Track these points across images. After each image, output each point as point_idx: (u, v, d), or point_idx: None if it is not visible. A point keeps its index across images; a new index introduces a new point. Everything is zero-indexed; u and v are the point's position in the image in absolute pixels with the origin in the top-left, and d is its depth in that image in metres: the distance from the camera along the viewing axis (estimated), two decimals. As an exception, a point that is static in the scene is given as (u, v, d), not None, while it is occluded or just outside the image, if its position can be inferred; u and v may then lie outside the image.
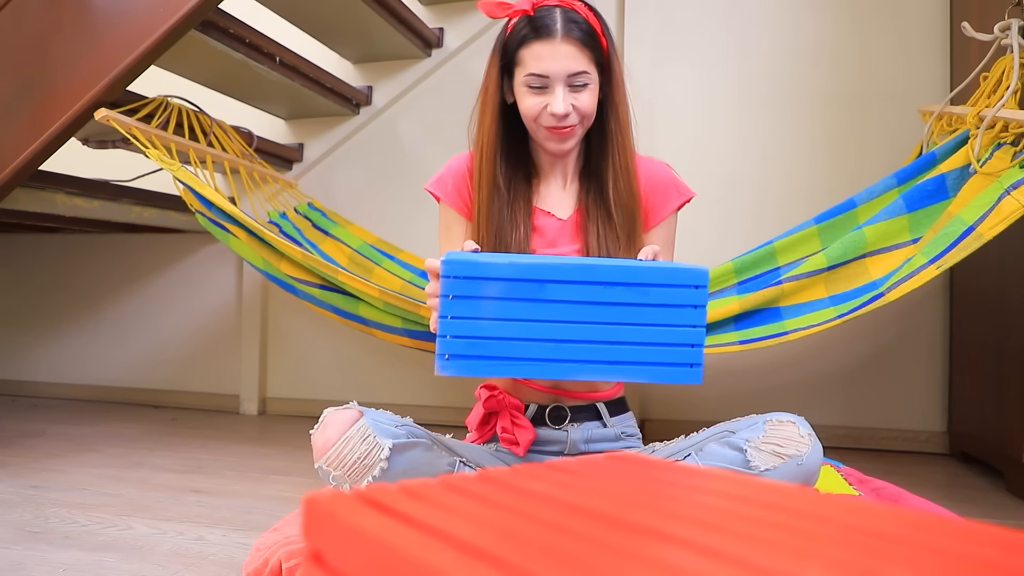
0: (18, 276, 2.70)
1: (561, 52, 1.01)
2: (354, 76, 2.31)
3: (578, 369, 0.76)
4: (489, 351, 0.75)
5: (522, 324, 0.75)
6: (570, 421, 1.09)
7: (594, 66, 1.03)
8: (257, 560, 0.91)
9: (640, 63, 2.03)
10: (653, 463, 0.49)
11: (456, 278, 0.74)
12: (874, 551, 0.30)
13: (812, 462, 0.92)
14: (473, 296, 0.74)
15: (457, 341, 0.74)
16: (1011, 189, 1.19)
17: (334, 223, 2.05)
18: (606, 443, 1.12)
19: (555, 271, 0.74)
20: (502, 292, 0.74)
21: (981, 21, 1.52)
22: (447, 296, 0.74)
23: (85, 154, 2.06)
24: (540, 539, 0.31)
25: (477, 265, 0.74)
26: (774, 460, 0.91)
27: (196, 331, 2.46)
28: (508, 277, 0.74)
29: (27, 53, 1.55)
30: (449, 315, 0.74)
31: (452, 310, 0.74)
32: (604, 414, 1.12)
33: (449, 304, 0.74)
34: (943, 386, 1.84)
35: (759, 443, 0.91)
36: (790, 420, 0.94)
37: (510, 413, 1.08)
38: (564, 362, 0.75)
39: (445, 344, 0.74)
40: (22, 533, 1.11)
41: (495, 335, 0.75)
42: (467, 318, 0.74)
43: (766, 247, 1.58)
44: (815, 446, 0.93)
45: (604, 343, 0.75)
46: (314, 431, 0.93)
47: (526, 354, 0.75)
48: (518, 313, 0.74)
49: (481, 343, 0.74)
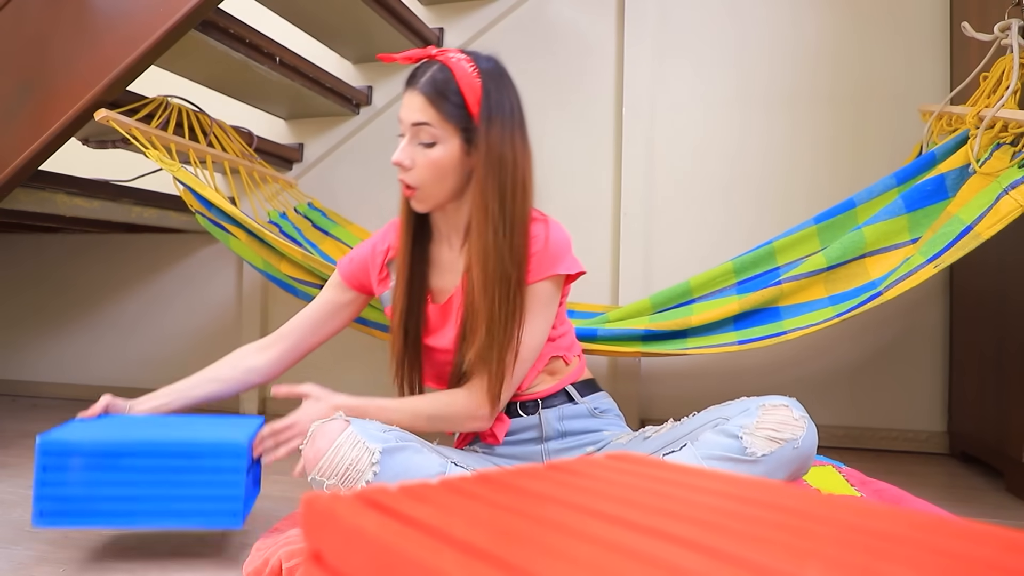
0: (18, 276, 2.70)
1: (409, 101, 1.02)
2: (354, 76, 2.31)
3: (150, 519, 0.96)
4: (79, 506, 0.95)
5: (104, 486, 0.95)
6: (542, 408, 1.11)
7: (449, 126, 1.00)
8: (257, 560, 0.91)
9: (640, 63, 2.03)
10: (653, 463, 0.49)
11: (49, 455, 0.94)
12: (874, 551, 0.30)
13: (807, 445, 0.93)
14: (63, 467, 0.94)
15: (51, 500, 0.94)
16: (1009, 189, 1.19)
17: (334, 223, 2.05)
18: (580, 419, 1.13)
19: (125, 446, 0.96)
20: (86, 464, 0.95)
21: (981, 21, 1.52)
22: (42, 468, 0.94)
23: (85, 154, 2.06)
24: (540, 539, 0.31)
25: (66, 444, 0.95)
26: (770, 445, 0.91)
27: (196, 331, 2.46)
28: (89, 453, 0.95)
29: (27, 53, 1.54)
30: (44, 480, 0.94)
31: (45, 477, 0.94)
32: (575, 395, 1.13)
33: (43, 473, 0.94)
34: (943, 386, 1.84)
35: (754, 429, 0.92)
36: (783, 404, 0.94)
37: None
38: (140, 514, 0.95)
39: (41, 502, 0.94)
40: (22, 533, 1.11)
41: (83, 494, 0.95)
42: (58, 483, 0.94)
43: (765, 247, 1.58)
44: (809, 428, 0.93)
45: (168, 498, 0.96)
46: (304, 445, 0.95)
47: (111, 508, 0.95)
48: (101, 478, 0.95)
49: (72, 500, 0.94)
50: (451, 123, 1.00)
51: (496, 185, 0.99)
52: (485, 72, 1.01)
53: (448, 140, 1.00)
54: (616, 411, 1.19)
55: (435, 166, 1.01)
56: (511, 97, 1.03)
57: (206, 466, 0.96)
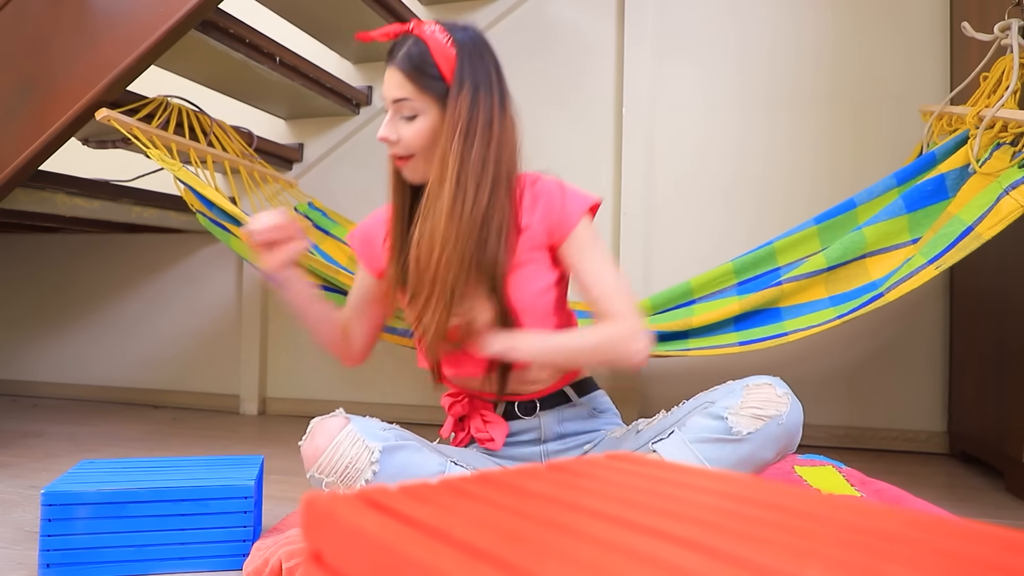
0: (18, 276, 2.70)
1: (388, 78, 1.03)
2: (354, 76, 2.31)
3: (158, 565, 0.96)
4: (86, 556, 0.94)
5: (111, 535, 0.95)
6: (540, 410, 1.11)
7: (427, 97, 1.01)
8: (257, 560, 0.91)
9: (640, 63, 2.03)
10: (653, 463, 0.49)
11: (52, 506, 0.94)
12: (875, 551, 0.30)
13: (792, 421, 0.93)
14: (68, 518, 0.94)
15: (57, 552, 0.94)
16: (1010, 189, 1.19)
17: (334, 223, 2.05)
18: (580, 421, 1.13)
19: (131, 495, 0.96)
20: (91, 513, 0.95)
21: (981, 21, 1.52)
22: (47, 520, 0.93)
23: (85, 154, 2.06)
24: (540, 539, 0.31)
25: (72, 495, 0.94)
26: (755, 423, 0.91)
27: (196, 331, 2.46)
28: (95, 502, 0.95)
29: (27, 53, 1.54)
30: (49, 533, 0.93)
31: (51, 528, 0.93)
32: (572, 396, 1.13)
33: (48, 524, 0.93)
34: (943, 386, 1.84)
35: (738, 409, 0.92)
36: (767, 382, 0.95)
37: (480, 413, 1.11)
38: (147, 561, 0.96)
39: (47, 555, 0.93)
40: (22, 533, 1.11)
41: (90, 544, 0.94)
42: (64, 534, 0.94)
43: (766, 247, 1.58)
44: (794, 404, 0.94)
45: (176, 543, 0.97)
46: (303, 442, 0.95)
47: (118, 556, 0.95)
48: (107, 527, 0.95)
49: (78, 551, 0.94)
50: (429, 94, 1.01)
51: (460, 149, 0.99)
52: (459, 42, 1.02)
53: (428, 111, 1.01)
54: (614, 410, 1.19)
55: (418, 137, 1.02)
56: (487, 64, 1.03)
57: (213, 510, 0.98)
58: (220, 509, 0.98)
